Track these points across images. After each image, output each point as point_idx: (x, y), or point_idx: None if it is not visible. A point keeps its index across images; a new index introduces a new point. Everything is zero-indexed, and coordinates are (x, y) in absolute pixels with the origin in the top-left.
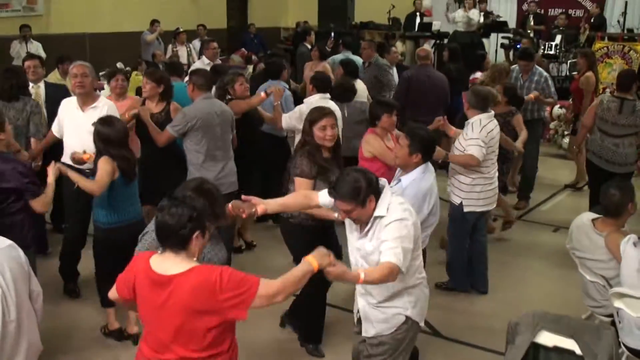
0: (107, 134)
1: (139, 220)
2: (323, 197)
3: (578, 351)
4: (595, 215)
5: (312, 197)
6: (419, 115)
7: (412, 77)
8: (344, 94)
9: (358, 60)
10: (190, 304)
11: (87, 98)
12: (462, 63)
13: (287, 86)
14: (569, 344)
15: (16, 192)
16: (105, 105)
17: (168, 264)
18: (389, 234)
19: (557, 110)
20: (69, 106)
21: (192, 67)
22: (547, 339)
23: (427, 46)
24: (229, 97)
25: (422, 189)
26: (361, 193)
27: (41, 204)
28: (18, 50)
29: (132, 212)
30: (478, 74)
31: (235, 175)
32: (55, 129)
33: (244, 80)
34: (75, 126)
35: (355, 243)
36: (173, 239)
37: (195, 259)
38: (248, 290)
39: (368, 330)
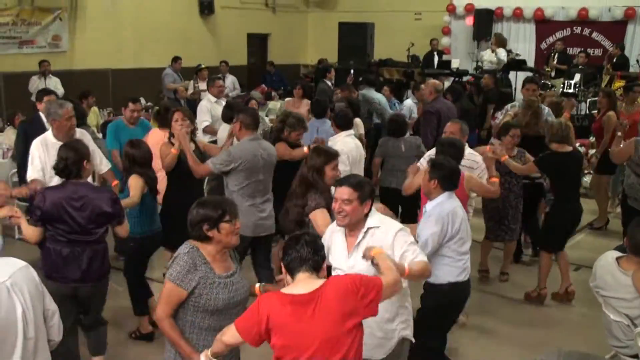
0: (133, 154)
1: (160, 231)
2: None
3: None
4: (619, 254)
5: None
6: None
7: (439, 110)
8: (399, 129)
9: (380, 97)
10: (338, 309)
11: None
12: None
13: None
14: None
15: (112, 218)
16: (83, 134)
17: (303, 285)
18: (403, 240)
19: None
20: (45, 143)
21: (200, 104)
22: None
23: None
24: (280, 136)
25: (445, 209)
26: (365, 189)
27: (125, 229)
28: (37, 86)
29: (157, 222)
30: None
31: (274, 217)
32: (39, 174)
33: (303, 132)
34: None
35: (345, 264)
36: (310, 266)
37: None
38: (377, 287)
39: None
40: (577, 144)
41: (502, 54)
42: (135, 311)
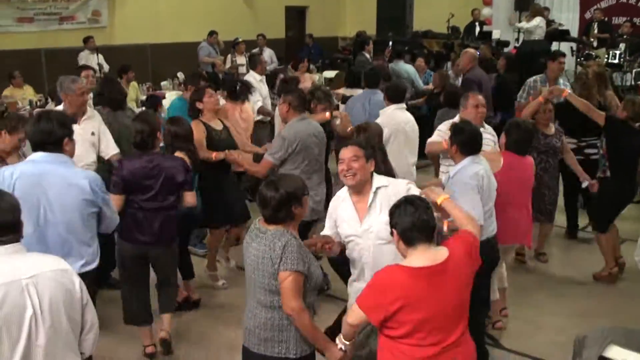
0: (176, 131)
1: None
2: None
3: None
4: None
5: None
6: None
7: (480, 79)
8: (456, 101)
9: (409, 68)
10: (465, 273)
11: (79, 111)
12: (518, 73)
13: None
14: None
15: (183, 185)
16: (94, 113)
17: (428, 255)
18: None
19: None
20: None
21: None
22: (616, 353)
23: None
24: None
25: (469, 172)
26: (369, 148)
27: (193, 197)
28: (89, 62)
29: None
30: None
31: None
32: None
33: (329, 105)
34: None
35: (360, 229)
36: (426, 233)
37: None
38: (475, 241)
39: None
40: None
41: (536, 22)
42: (182, 275)
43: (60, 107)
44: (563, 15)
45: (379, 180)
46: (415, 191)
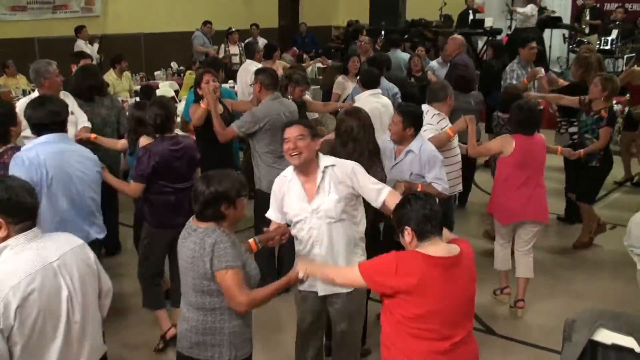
0: (139, 116)
1: None
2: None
3: (638, 349)
4: None
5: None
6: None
7: (467, 64)
8: (467, 85)
9: (406, 56)
10: (472, 269)
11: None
12: (505, 60)
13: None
14: (629, 341)
15: (199, 162)
16: (66, 94)
17: (442, 247)
18: (363, 172)
19: (614, 106)
20: None
21: (240, 69)
22: (605, 336)
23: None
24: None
25: (430, 147)
26: (313, 128)
27: (199, 174)
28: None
29: None
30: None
31: None
32: None
33: (306, 88)
34: None
35: (308, 208)
36: (438, 225)
37: None
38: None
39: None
40: (614, 102)
41: (528, 10)
42: None
43: (35, 93)
44: (555, 2)
45: (325, 159)
46: (360, 171)
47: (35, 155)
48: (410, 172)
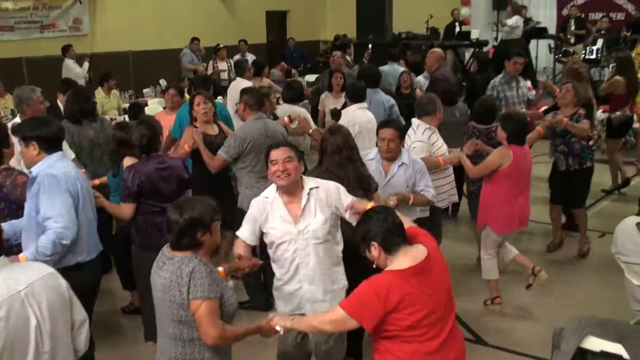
0: (121, 137)
1: None
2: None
3: (626, 355)
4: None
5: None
6: None
7: (446, 77)
8: (452, 97)
9: (398, 70)
10: (445, 265)
11: None
12: (490, 73)
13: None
14: (616, 348)
15: (188, 183)
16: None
17: (410, 255)
18: (346, 193)
19: (600, 114)
20: None
21: (230, 87)
22: (593, 344)
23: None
24: None
25: (415, 155)
26: (297, 150)
27: (189, 194)
28: (76, 71)
29: None
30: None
31: None
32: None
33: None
34: None
35: (294, 229)
36: (402, 235)
37: None
38: None
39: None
40: (600, 110)
41: (513, 21)
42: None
43: (17, 120)
44: (540, 12)
45: (309, 181)
46: (343, 191)
47: (66, 170)
48: (407, 185)
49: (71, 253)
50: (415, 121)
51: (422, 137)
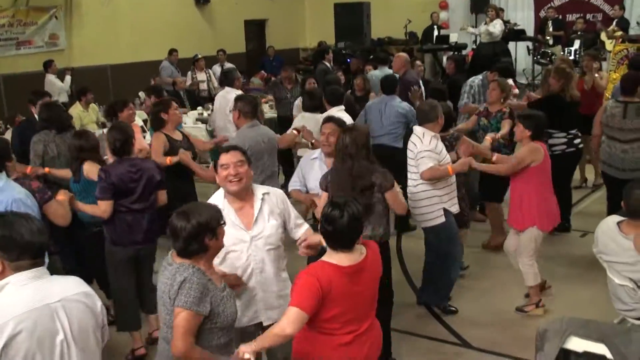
0: (81, 145)
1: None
2: None
3: (609, 355)
4: (620, 218)
5: None
6: None
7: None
8: (441, 95)
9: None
10: (378, 270)
11: None
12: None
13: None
14: (600, 348)
15: (161, 184)
16: None
17: (350, 257)
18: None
19: None
20: None
21: (218, 96)
22: (576, 344)
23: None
24: None
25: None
26: (247, 155)
27: (164, 194)
28: (58, 86)
29: None
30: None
31: None
32: None
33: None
34: None
35: (248, 235)
36: (354, 239)
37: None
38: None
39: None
40: None
41: (494, 26)
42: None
43: None
44: (518, 14)
45: (259, 187)
46: (288, 200)
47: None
48: None
49: None
50: (419, 129)
51: (429, 147)
